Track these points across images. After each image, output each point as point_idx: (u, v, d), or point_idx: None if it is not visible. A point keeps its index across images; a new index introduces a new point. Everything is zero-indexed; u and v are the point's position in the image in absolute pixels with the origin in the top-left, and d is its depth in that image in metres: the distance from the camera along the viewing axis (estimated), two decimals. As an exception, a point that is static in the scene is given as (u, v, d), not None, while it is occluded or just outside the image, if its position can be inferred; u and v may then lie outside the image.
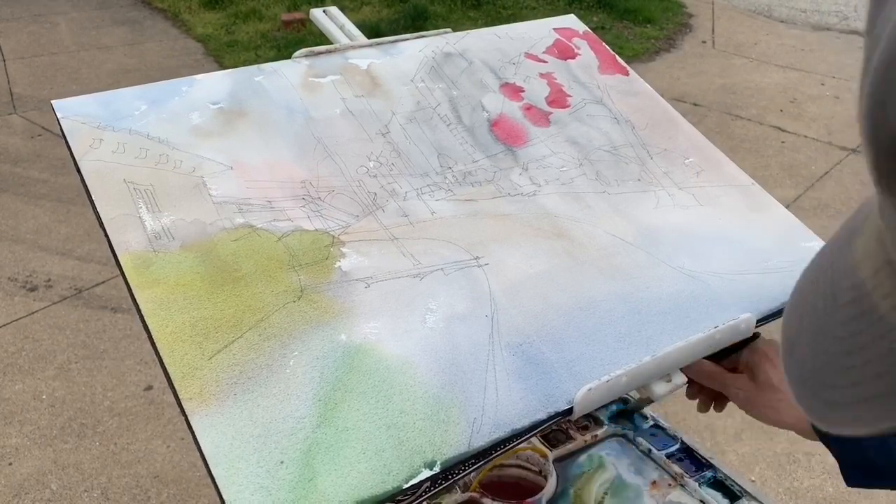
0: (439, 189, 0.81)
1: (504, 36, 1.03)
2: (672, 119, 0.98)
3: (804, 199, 3.14)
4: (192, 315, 0.64)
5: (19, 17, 5.13)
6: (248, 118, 0.82)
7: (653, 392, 0.70)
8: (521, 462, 0.89)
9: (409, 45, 0.98)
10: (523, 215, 0.81)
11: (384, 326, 0.66)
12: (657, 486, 0.86)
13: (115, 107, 0.80)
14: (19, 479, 1.90)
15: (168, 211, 0.71)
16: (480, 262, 0.74)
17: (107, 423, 2.07)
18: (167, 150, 0.77)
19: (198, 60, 4.53)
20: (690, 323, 0.73)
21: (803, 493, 1.90)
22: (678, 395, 0.76)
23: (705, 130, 0.98)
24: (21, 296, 2.55)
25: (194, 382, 0.59)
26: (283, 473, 0.56)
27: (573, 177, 0.87)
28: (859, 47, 5.05)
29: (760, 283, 0.79)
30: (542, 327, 0.70)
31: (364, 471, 0.57)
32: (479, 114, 0.91)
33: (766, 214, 0.88)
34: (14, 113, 3.80)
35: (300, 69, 0.90)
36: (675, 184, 0.89)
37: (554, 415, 0.64)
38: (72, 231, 2.88)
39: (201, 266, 0.68)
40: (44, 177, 3.25)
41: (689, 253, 0.80)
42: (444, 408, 0.62)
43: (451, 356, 0.65)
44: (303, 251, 0.71)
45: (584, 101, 0.97)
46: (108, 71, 4.32)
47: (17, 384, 2.19)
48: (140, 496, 1.86)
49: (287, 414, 0.59)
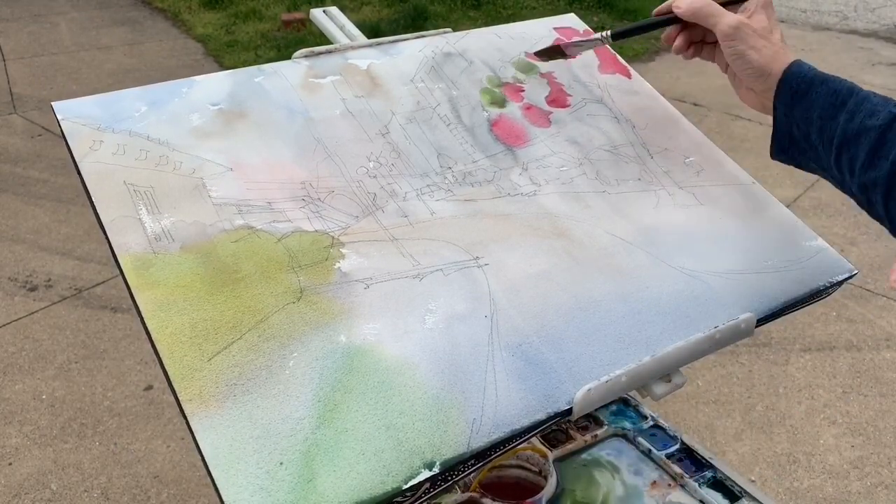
0: (439, 189, 0.81)
1: (504, 36, 1.03)
2: (672, 118, 0.98)
3: (804, 199, 3.14)
4: (191, 316, 0.64)
5: (19, 17, 5.13)
6: (248, 119, 0.82)
7: (653, 392, 0.70)
8: (521, 462, 0.89)
9: (409, 45, 0.98)
10: (523, 215, 0.81)
11: (384, 327, 0.66)
12: (657, 487, 0.86)
13: (115, 108, 0.80)
14: (19, 479, 1.90)
15: (168, 212, 0.71)
16: (480, 262, 0.74)
17: (107, 423, 2.07)
18: (167, 151, 0.77)
19: (198, 60, 4.54)
20: (690, 323, 0.73)
21: (803, 493, 1.90)
22: (678, 395, 0.76)
23: (705, 130, 0.98)
24: (21, 296, 2.55)
25: (194, 383, 0.59)
26: (282, 474, 0.56)
27: (573, 176, 0.87)
28: (860, 47, 5.05)
29: (760, 282, 0.79)
30: (542, 327, 0.70)
31: (363, 472, 0.57)
32: (478, 114, 0.91)
33: (767, 214, 0.88)
34: (14, 113, 3.80)
35: (300, 70, 0.90)
36: (676, 183, 0.89)
37: (554, 415, 0.64)
38: (72, 231, 2.88)
39: (201, 267, 0.68)
40: (44, 177, 3.25)
41: (689, 253, 0.80)
42: (443, 408, 0.62)
43: (450, 357, 0.65)
44: (302, 252, 0.71)
45: (585, 100, 0.97)
46: (108, 71, 4.32)
47: (17, 384, 2.20)
48: (140, 496, 1.86)
49: (286, 415, 0.59)
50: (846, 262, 0.84)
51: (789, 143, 0.76)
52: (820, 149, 0.73)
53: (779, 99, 0.74)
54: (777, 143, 0.78)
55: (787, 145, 0.77)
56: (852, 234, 2.92)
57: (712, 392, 2.18)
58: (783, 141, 0.77)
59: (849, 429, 2.09)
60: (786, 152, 0.78)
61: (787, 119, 0.75)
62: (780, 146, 0.77)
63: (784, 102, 0.74)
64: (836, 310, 2.53)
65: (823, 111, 0.71)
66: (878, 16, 5.85)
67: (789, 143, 0.76)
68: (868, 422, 2.11)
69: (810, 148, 0.74)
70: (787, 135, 0.76)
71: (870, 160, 0.68)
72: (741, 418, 2.10)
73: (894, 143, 0.66)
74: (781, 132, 0.76)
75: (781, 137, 0.77)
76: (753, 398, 2.18)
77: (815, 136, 0.72)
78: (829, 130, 0.71)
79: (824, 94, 0.71)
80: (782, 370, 2.29)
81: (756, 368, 2.29)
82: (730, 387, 2.21)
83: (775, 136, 0.77)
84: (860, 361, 2.33)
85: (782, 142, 0.77)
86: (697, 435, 2.03)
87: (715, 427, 2.07)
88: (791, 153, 0.77)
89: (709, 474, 0.87)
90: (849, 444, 2.04)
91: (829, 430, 2.08)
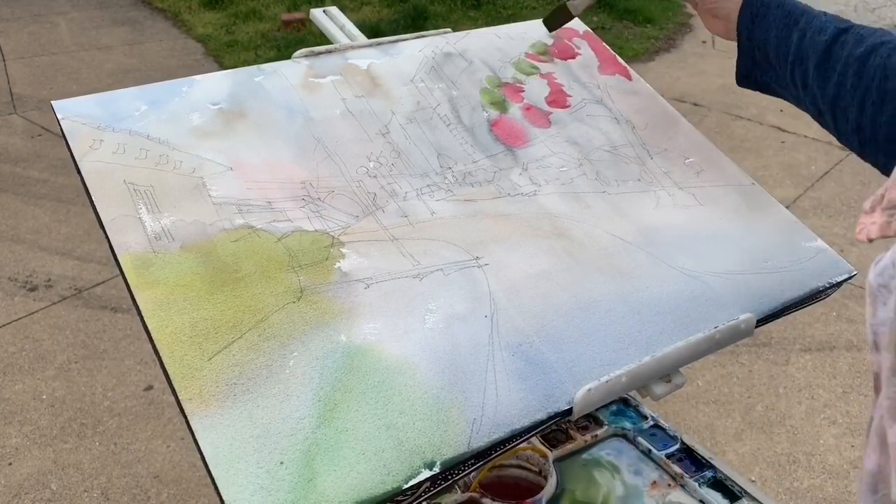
0: (439, 189, 0.81)
1: (504, 36, 1.03)
2: (672, 119, 0.98)
3: (804, 199, 3.14)
4: (191, 316, 0.64)
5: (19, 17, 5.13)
6: (248, 119, 0.82)
7: (653, 392, 0.70)
8: (521, 462, 0.89)
9: (409, 45, 0.98)
10: (523, 215, 0.81)
11: (384, 327, 0.66)
12: (657, 487, 0.86)
13: (115, 107, 0.80)
14: (19, 479, 1.90)
15: (168, 212, 0.71)
16: (480, 262, 0.74)
17: (107, 423, 2.07)
18: (167, 150, 0.77)
19: (198, 60, 4.54)
20: (690, 323, 0.73)
21: (803, 493, 1.90)
22: (678, 395, 0.76)
23: (705, 130, 0.99)
24: (21, 296, 2.55)
25: (194, 383, 0.59)
26: (282, 474, 0.56)
27: (573, 177, 0.87)
28: (859, 47, 5.06)
29: (760, 283, 0.79)
30: (542, 327, 0.70)
31: (363, 471, 0.57)
32: (478, 114, 0.91)
33: (767, 214, 0.88)
34: (14, 113, 3.80)
35: (300, 69, 0.90)
36: (675, 183, 0.89)
37: (554, 415, 0.64)
38: (72, 231, 2.88)
39: (201, 267, 0.68)
40: (44, 177, 3.25)
41: (689, 253, 0.80)
42: (443, 408, 0.62)
43: (450, 356, 0.65)
44: (302, 252, 0.71)
45: (584, 100, 0.97)
46: (108, 71, 4.32)
47: (17, 384, 2.19)
48: (140, 496, 1.86)
49: (287, 414, 0.59)
50: (846, 262, 0.84)
51: (752, 65, 0.81)
52: (778, 68, 0.78)
53: (741, 23, 0.80)
54: (741, 68, 0.82)
55: (750, 68, 0.82)
56: (852, 235, 2.92)
57: (712, 392, 2.18)
58: (747, 65, 0.82)
59: (849, 429, 2.09)
60: (749, 76, 0.82)
61: (749, 42, 0.80)
62: (745, 70, 0.82)
63: (745, 25, 0.79)
64: (836, 310, 2.53)
65: (779, 31, 0.77)
66: (878, 16, 5.85)
67: (752, 66, 0.81)
68: (868, 422, 2.11)
69: (770, 68, 0.79)
70: (750, 58, 0.81)
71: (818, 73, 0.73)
72: (741, 418, 2.10)
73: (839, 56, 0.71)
74: (745, 56, 0.81)
75: (745, 61, 0.82)
76: (753, 398, 2.18)
77: (772, 55, 0.78)
78: (783, 48, 0.76)
79: (780, 16, 0.77)
80: (782, 370, 2.29)
81: (756, 368, 2.29)
82: (730, 387, 2.21)
83: (739, 61, 0.82)
84: (860, 361, 2.33)
85: (746, 65, 0.82)
86: (697, 435, 2.03)
87: (715, 427, 2.07)
88: (754, 76, 0.82)
89: (709, 474, 0.87)
90: (849, 444, 2.04)
91: (830, 430, 2.08)
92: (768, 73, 0.80)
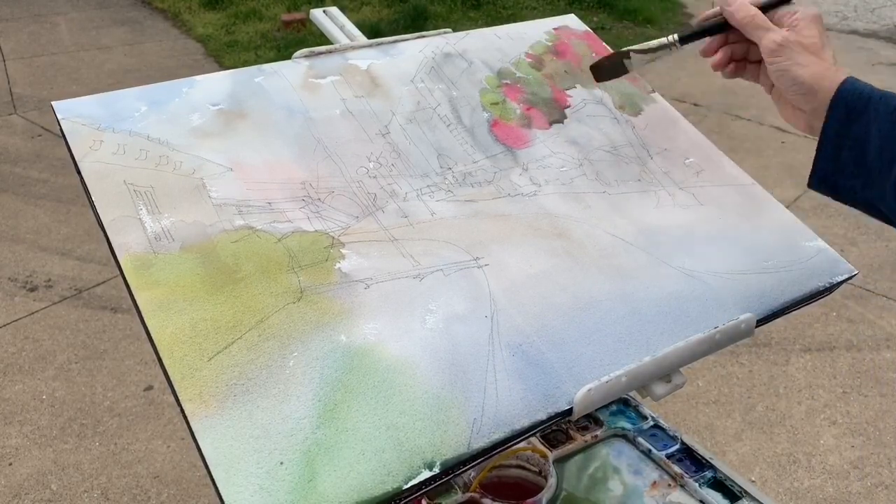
0: (439, 190, 0.81)
1: (504, 36, 1.03)
2: (672, 119, 0.98)
3: (804, 200, 3.14)
4: (191, 316, 0.64)
5: (19, 17, 5.13)
6: (248, 119, 0.82)
7: (653, 392, 0.70)
8: (521, 462, 0.89)
9: (409, 46, 0.98)
10: (523, 216, 0.81)
11: (384, 327, 0.66)
12: (657, 487, 0.86)
13: (115, 108, 0.80)
14: (19, 480, 1.90)
15: (168, 212, 0.71)
16: (480, 262, 0.74)
17: (107, 423, 2.07)
18: (167, 151, 0.77)
19: (198, 61, 4.54)
20: (690, 323, 0.73)
21: (803, 493, 1.90)
22: (678, 395, 0.76)
23: (705, 130, 0.99)
24: (21, 296, 2.55)
25: (194, 383, 0.59)
26: (282, 474, 0.56)
27: (573, 177, 0.87)
28: (859, 47, 5.05)
29: (760, 283, 0.79)
30: (542, 327, 0.70)
31: (363, 471, 0.57)
32: (478, 114, 0.91)
33: (767, 214, 0.88)
34: (14, 113, 3.80)
35: (300, 70, 0.90)
36: (676, 183, 0.89)
37: (554, 415, 0.64)
38: (72, 231, 2.88)
39: (201, 267, 0.68)
40: (44, 177, 3.25)
41: (689, 253, 0.80)
42: (443, 408, 0.62)
43: (450, 357, 0.65)
44: (302, 252, 0.71)
45: (584, 101, 0.97)
46: (108, 71, 4.33)
47: (17, 384, 2.20)
48: (140, 496, 1.87)
49: (286, 415, 0.59)
50: (846, 262, 0.84)
51: (834, 168, 0.69)
52: (875, 172, 0.66)
53: (832, 117, 0.69)
54: (820, 170, 0.71)
55: (831, 171, 0.70)
56: (852, 235, 2.92)
57: (712, 392, 2.18)
58: (828, 166, 0.70)
59: (849, 429, 2.09)
60: (828, 179, 0.71)
61: (838, 140, 0.68)
62: (823, 173, 0.71)
63: (838, 121, 0.68)
64: (836, 310, 2.53)
65: (884, 129, 0.65)
66: (878, 16, 5.85)
67: (834, 169, 0.70)
68: (868, 422, 2.11)
69: (862, 172, 0.68)
70: (833, 159, 0.69)
71: None
72: (741, 418, 2.10)
73: None
74: (827, 156, 0.70)
75: (826, 162, 0.70)
76: (753, 398, 2.18)
77: (872, 156, 0.66)
78: (889, 150, 0.65)
79: (885, 112, 0.65)
80: (782, 370, 2.29)
81: (756, 368, 2.29)
82: (730, 387, 2.21)
83: (818, 162, 0.70)
84: (860, 361, 2.33)
85: (826, 167, 0.70)
86: (697, 435, 2.03)
87: (715, 427, 2.07)
88: (834, 180, 0.70)
89: (709, 474, 0.87)
90: (849, 444, 2.04)
91: (830, 431, 2.08)
92: (856, 179, 0.68)
